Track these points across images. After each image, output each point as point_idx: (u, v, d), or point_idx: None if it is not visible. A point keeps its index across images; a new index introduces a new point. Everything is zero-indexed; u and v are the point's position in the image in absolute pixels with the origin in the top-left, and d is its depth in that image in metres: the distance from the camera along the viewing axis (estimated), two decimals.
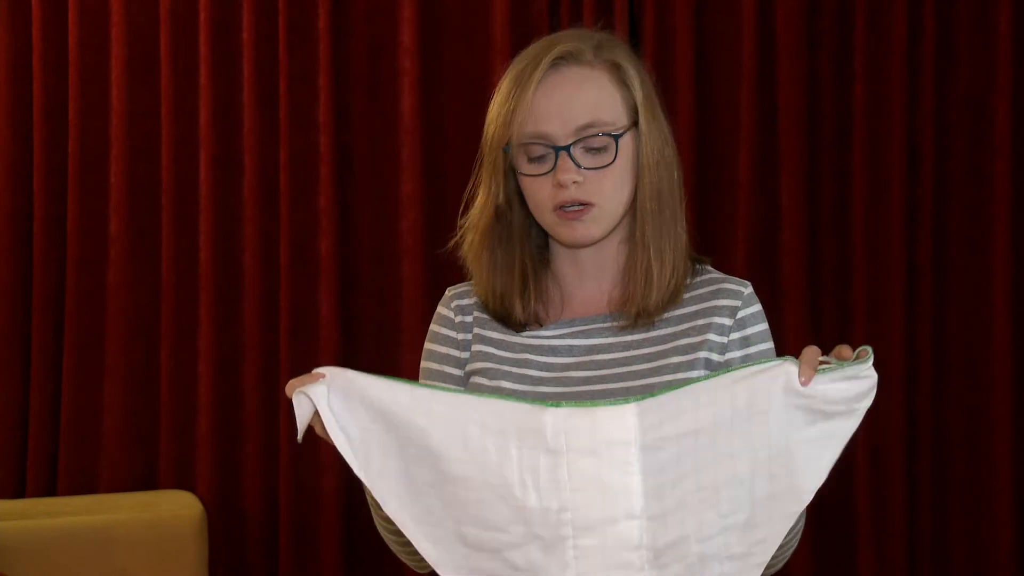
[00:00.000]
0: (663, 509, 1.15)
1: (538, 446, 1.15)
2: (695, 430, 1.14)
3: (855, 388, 1.11)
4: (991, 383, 3.22)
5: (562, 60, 1.33)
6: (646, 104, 1.36)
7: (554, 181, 1.32)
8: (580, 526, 1.15)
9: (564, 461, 1.15)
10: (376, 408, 1.17)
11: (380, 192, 3.20)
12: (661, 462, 1.14)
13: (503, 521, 1.17)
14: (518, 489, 1.16)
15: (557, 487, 1.15)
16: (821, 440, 1.13)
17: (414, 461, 1.17)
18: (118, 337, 3.12)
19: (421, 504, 1.18)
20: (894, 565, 3.23)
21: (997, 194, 3.21)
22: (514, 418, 1.16)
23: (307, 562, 3.16)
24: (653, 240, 1.36)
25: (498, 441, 1.16)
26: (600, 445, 1.15)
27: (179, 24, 3.14)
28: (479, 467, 1.16)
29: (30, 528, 2.79)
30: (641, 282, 1.36)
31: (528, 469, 1.16)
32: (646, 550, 1.15)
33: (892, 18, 3.21)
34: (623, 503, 1.15)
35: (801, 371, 1.12)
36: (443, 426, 1.16)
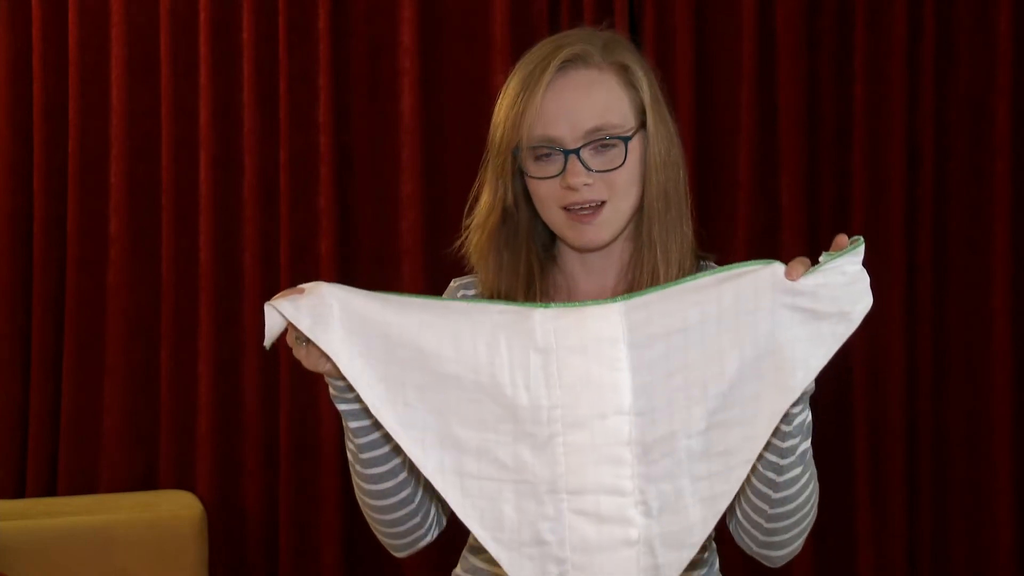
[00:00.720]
0: (652, 405, 1.16)
1: (528, 345, 1.18)
2: (683, 328, 1.16)
3: (848, 288, 1.13)
4: (991, 383, 3.22)
5: (570, 62, 1.33)
6: (653, 105, 1.37)
7: (563, 184, 1.33)
8: (570, 422, 1.17)
9: (554, 358, 1.18)
10: (363, 317, 1.20)
11: (380, 192, 3.20)
12: (649, 359, 1.16)
13: (493, 420, 1.19)
14: (508, 388, 1.18)
15: (547, 384, 1.18)
16: (811, 340, 1.14)
17: (403, 364, 1.19)
18: (118, 337, 3.12)
19: (408, 407, 1.20)
20: (894, 565, 3.23)
21: (997, 194, 3.21)
22: (504, 319, 1.18)
23: (307, 562, 3.16)
24: (660, 240, 1.37)
25: (489, 341, 1.18)
26: (589, 342, 1.17)
27: (179, 24, 3.14)
28: (470, 367, 1.18)
29: (30, 528, 2.79)
30: (647, 282, 1.37)
31: (519, 367, 1.18)
32: (635, 445, 1.17)
33: (892, 18, 3.22)
34: (612, 399, 1.17)
35: (790, 267, 1.14)
36: (434, 329, 1.19)
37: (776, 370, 1.14)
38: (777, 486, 1.25)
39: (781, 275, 1.14)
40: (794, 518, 1.28)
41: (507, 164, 1.36)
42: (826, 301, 1.13)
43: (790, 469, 1.24)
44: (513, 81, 1.35)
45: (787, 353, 1.14)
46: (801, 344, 1.14)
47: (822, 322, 1.14)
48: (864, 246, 1.14)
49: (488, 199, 1.40)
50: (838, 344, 1.14)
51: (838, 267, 1.13)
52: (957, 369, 3.26)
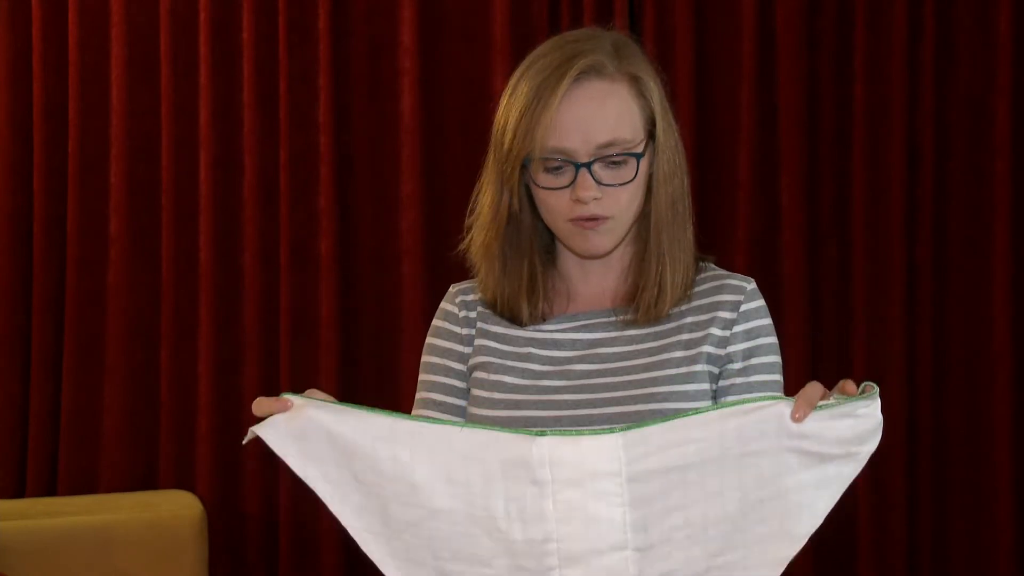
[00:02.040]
0: (649, 541, 1.14)
1: (523, 477, 1.14)
2: (683, 465, 1.12)
3: (856, 428, 1.09)
4: (991, 383, 3.22)
5: (584, 74, 1.32)
6: (662, 114, 1.36)
7: (573, 196, 1.32)
8: (566, 557, 1.14)
9: (549, 492, 1.14)
10: (349, 444, 1.17)
11: (380, 192, 3.20)
12: (648, 494, 1.13)
13: (487, 554, 1.16)
14: (503, 521, 1.15)
15: (542, 518, 1.14)
16: (817, 485, 1.11)
17: (393, 499, 1.17)
18: (118, 337, 3.12)
19: (400, 541, 1.18)
20: (894, 566, 3.23)
21: (997, 194, 3.21)
22: (499, 448, 1.15)
23: (307, 562, 3.16)
24: (668, 251, 1.37)
25: (483, 472, 1.15)
26: (585, 476, 1.13)
27: (179, 24, 3.14)
28: (463, 500, 1.15)
29: (30, 528, 2.79)
30: (654, 291, 1.37)
31: (513, 500, 1.14)
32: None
33: (892, 18, 3.21)
34: (609, 534, 1.14)
35: (796, 406, 1.09)
36: (426, 459, 1.15)
37: (782, 517, 1.12)
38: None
39: (787, 416, 1.10)
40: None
41: (515, 173, 1.35)
42: (831, 444, 1.09)
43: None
44: (523, 87, 1.33)
45: (793, 499, 1.11)
46: (808, 490, 1.11)
47: (828, 464, 1.10)
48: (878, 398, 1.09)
49: (492, 203, 1.39)
50: (845, 485, 1.11)
51: (852, 410, 1.09)
52: (957, 369, 3.26)
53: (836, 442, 1.09)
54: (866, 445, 1.10)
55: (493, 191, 1.39)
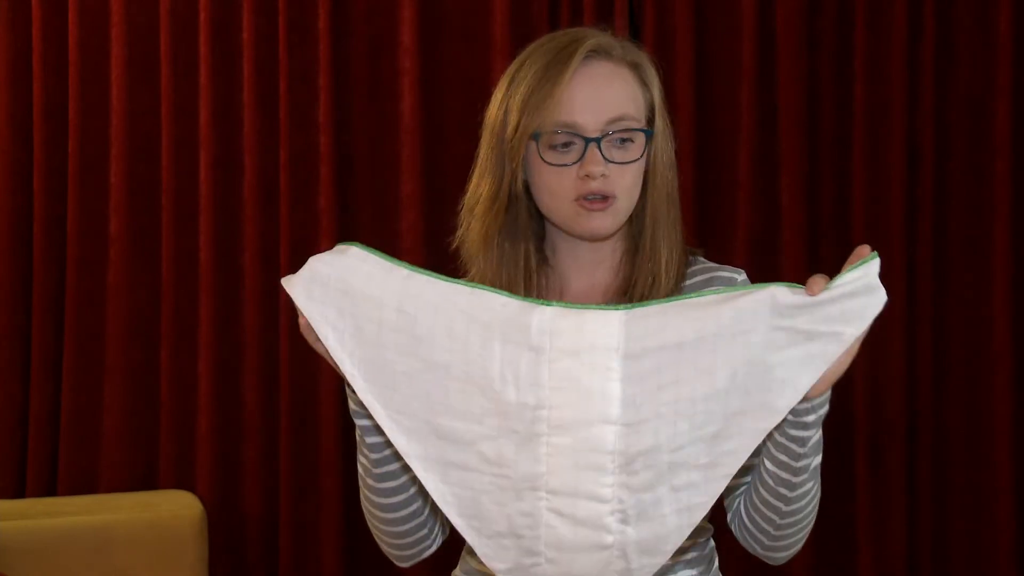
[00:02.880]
0: (639, 417, 1.15)
1: (522, 342, 1.17)
2: (678, 343, 1.14)
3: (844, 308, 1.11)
4: (991, 383, 3.22)
5: (594, 53, 1.34)
6: (661, 106, 1.38)
7: (580, 172, 1.32)
8: (555, 424, 1.16)
9: (546, 359, 1.16)
10: (358, 292, 1.20)
11: (380, 192, 3.20)
12: (642, 371, 1.15)
13: (479, 412, 1.17)
14: (497, 382, 1.17)
15: (536, 384, 1.16)
16: (801, 361, 1.13)
17: (393, 348, 1.19)
18: (118, 337, 3.12)
19: (397, 393, 1.19)
20: (894, 565, 3.23)
21: (997, 194, 3.21)
22: (502, 312, 1.17)
23: (307, 562, 3.16)
24: (664, 244, 1.38)
25: (483, 333, 1.17)
26: (583, 348, 1.16)
27: (179, 24, 3.14)
28: (461, 356, 1.17)
29: (30, 528, 2.79)
30: (648, 281, 1.37)
31: (509, 363, 1.17)
32: (619, 455, 1.16)
33: (892, 18, 3.22)
34: (600, 407, 1.16)
35: (812, 281, 1.12)
36: (431, 313, 1.18)
37: (763, 390, 1.14)
38: (789, 500, 1.27)
39: (780, 297, 1.13)
40: (801, 524, 1.31)
41: (521, 148, 1.35)
42: (820, 321, 1.12)
43: (802, 485, 1.26)
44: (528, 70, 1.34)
45: (776, 373, 1.13)
46: (791, 365, 1.13)
47: (813, 342, 1.13)
48: (877, 260, 1.12)
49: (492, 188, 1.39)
50: (828, 363, 1.13)
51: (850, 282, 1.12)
52: (957, 369, 3.26)
53: (824, 320, 1.12)
54: (852, 326, 1.12)
55: (492, 177, 1.38)
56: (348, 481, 3.12)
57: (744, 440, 1.15)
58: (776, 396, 1.14)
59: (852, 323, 1.12)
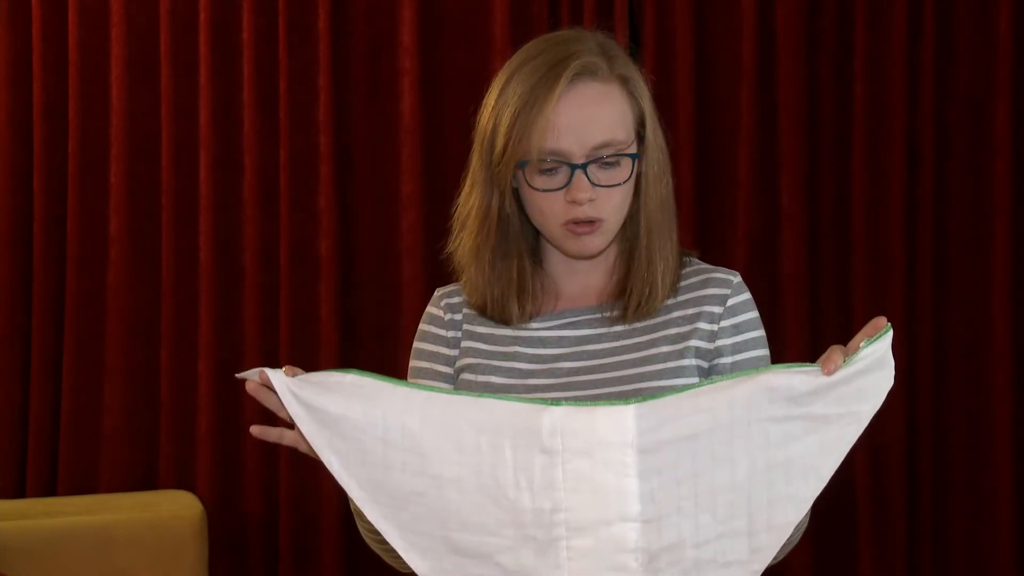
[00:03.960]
0: (659, 512, 1.14)
1: (533, 446, 1.15)
2: (692, 434, 1.13)
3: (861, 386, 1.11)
4: (991, 383, 3.22)
5: (579, 75, 1.32)
6: (651, 114, 1.37)
7: (568, 198, 1.32)
8: (574, 527, 1.15)
9: (559, 461, 1.14)
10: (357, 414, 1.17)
11: (380, 192, 3.20)
12: (658, 465, 1.13)
13: (495, 524, 1.16)
14: (512, 490, 1.15)
15: (551, 487, 1.14)
16: (821, 449, 1.12)
17: (400, 468, 1.16)
18: (118, 337, 3.12)
19: (407, 513, 1.17)
20: (894, 566, 3.23)
21: (997, 194, 3.21)
22: (510, 418, 1.15)
23: (307, 562, 3.16)
24: (659, 251, 1.38)
25: (492, 441, 1.15)
26: (596, 446, 1.14)
27: (179, 24, 3.14)
28: (472, 469, 1.15)
29: (30, 528, 2.79)
30: (645, 290, 1.37)
31: (522, 469, 1.15)
32: (641, 552, 1.14)
33: (892, 18, 3.22)
34: (618, 505, 1.14)
35: (828, 358, 1.11)
36: (437, 427, 1.16)
37: (787, 482, 1.13)
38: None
39: (796, 383, 1.11)
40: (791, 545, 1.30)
41: (508, 176, 1.35)
42: (835, 404, 1.11)
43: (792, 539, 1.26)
44: (515, 89, 1.33)
45: (798, 464, 1.12)
46: (812, 453, 1.12)
47: (831, 427, 1.12)
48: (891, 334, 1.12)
49: (481, 206, 1.38)
50: (849, 446, 1.13)
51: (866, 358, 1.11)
52: (957, 369, 3.26)
53: (840, 401, 1.11)
54: (868, 403, 1.12)
55: (482, 193, 1.38)
56: None
57: (773, 534, 1.14)
58: (800, 487, 1.13)
59: (868, 400, 1.12)
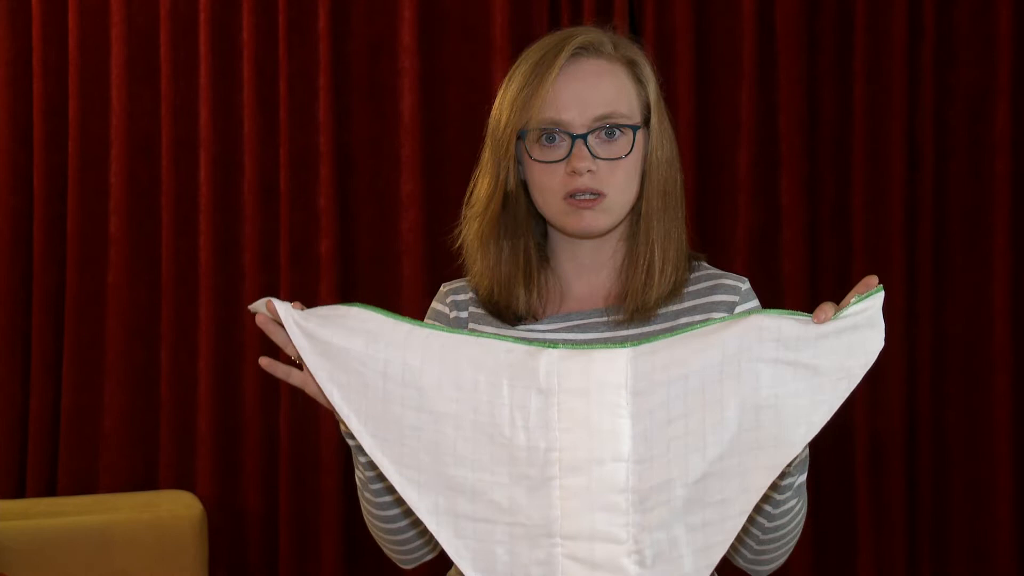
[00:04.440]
0: (650, 452, 1.15)
1: (530, 385, 1.17)
2: (684, 374, 1.14)
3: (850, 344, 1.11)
4: (991, 383, 3.22)
5: (583, 50, 1.34)
6: (658, 103, 1.37)
7: (568, 169, 1.32)
8: (567, 466, 1.16)
9: (555, 401, 1.16)
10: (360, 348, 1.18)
11: (380, 192, 3.20)
12: (651, 406, 1.15)
13: (490, 461, 1.17)
14: (507, 428, 1.17)
15: (546, 426, 1.16)
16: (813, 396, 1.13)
17: (400, 401, 1.18)
18: (118, 337, 3.12)
19: (405, 447, 1.18)
20: (894, 565, 3.23)
21: (997, 194, 3.21)
22: (508, 358, 1.17)
23: (307, 562, 3.16)
24: (658, 238, 1.37)
25: (490, 379, 1.17)
26: (592, 387, 1.16)
27: (179, 24, 3.14)
28: (470, 405, 1.17)
29: (30, 528, 2.79)
30: (642, 278, 1.37)
31: (518, 407, 1.16)
32: (632, 492, 1.15)
33: (892, 18, 3.21)
34: (611, 445, 1.15)
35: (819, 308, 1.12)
36: (436, 364, 1.18)
37: (777, 424, 1.13)
38: (773, 517, 1.27)
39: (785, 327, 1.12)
40: (783, 540, 1.31)
41: (511, 146, 1.35)
42: (826, 357, 1.12)
43: (786, 503, 1.27)
44: (521, 66, 1.35)
45: (789, 408, 1.13)
46: (803, 400, 1.13)
47: (823, 378, 1.12)
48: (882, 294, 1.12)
49: (488, 185, 1.38)
50: (840, 400, 1.12)
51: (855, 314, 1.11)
52: (957, 369, 3.26)
53: (829, 353, 1.12)
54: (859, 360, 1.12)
55: (490, 176, 1.38)
56: (348, 480, 3.12)
57: (759, 475, 1.14)
58: (791, 431, 1.13)
59: (858, 357, 1.12)
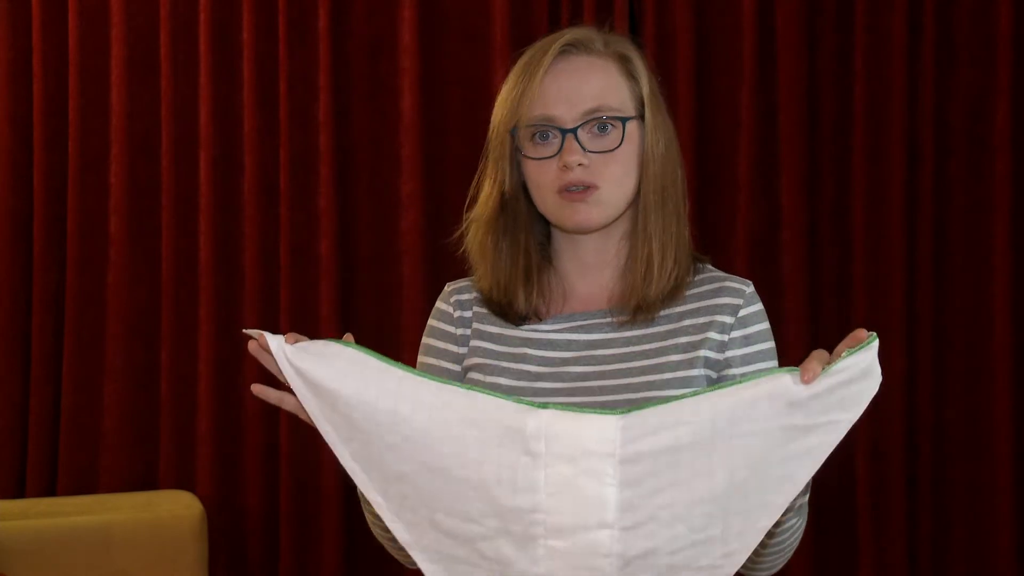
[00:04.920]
0: (636, 521, 1.15)
1: (518, 447, 1.16)
2: (675, 447, 1.14)
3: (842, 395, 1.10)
4: (991, 383, 3.22)
5: (571, 48, 1.36)
6: (652, 98, 1.38)
7: (560, 163, 1.33)
8: (552, 528, 1.16)
9: (542, 463, 1.16)
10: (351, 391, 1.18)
11: (380, 192, 3.20)
12: (638, 475, 1.14)
13: (477, 513, 1.17)
14: (494, 486, 1.17)
15: (532, 489, 1.16)
16: (800, 457, 1.12)
17: (389, 449, 1.18)
18: (118, 337, 3.12)
19: (396, 489, 1.19)
20: (894, 566, 3.23)
21: (997, 194, 3.21)
22: (498, 416, 1.17)
23: (307, 562, 3.16)
24: (655, 232, 1.37)
25: (478, 436, 1.17)
26: (579, 454, 1.15)
27: (179, 24, 3.14)
28: (458, 460, 1.17)
29: (30, 528, 2.79)
30: (641, 272, 1.37)
31: (506, 467, 1.16)
32: (616, 558, 1.15)
33: (892, 18, 3.21)
34: (597, 513, 1.15)
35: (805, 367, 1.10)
36: (426, 415, 1.17)
37: (762, 491, 1.13)
38: (772, 534, 1.28)
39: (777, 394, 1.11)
40: (782, 552, 1.32)
41: (505, 146, 1.36)
42: (817, 414, 1.11)
43: (786, 522, 1.27)
44: (514, 69, 1.37)
45: (775, 472, 1.12)
46: (791, 462, 1.12)
47: (811, 435, 1.11)
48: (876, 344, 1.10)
49: (487, 188, 1.40)
50: (826, 454, 1.12)
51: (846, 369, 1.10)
52: (957, 369, 3.26)
53: (822, 411, 1.11)
54: (849, 412, 1.11)
55: (489, 178, 1.40)
56: (348, 481, 3.11)
57: (746, 540, 1.14)
58: (775, 495, 1.13)
59: (849, 410, 1.11)
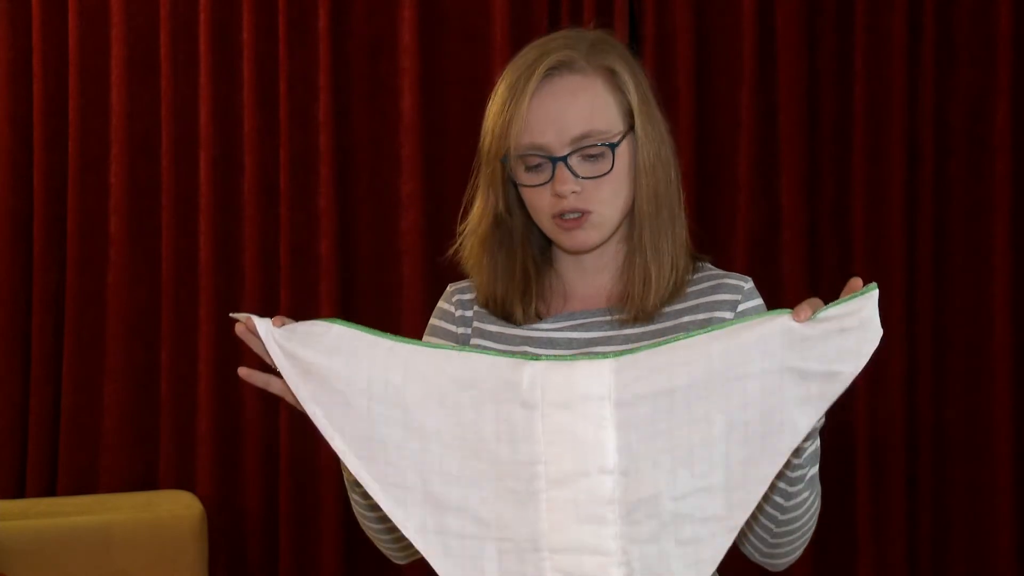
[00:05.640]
0: (636, 465, 1.15)
1: (514, 399, 1.17)
2: (670, 389, 1.14)
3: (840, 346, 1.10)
4: (991, 383, 3.22)
5: (555, 69, 1.33)
6: (641, 107, 1.36)
7: (552, 191, 1.33)
8: (553, 478, 1.16)
9: (539, 414, 1.16)
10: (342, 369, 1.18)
11: (380, 192, 3.20)
12: (635, 418, 1.15)
13: (475, 475, 1.17)
14: (492, 442, 1.17)
15: (531, 440, 1.16)
16: (800, 403, 1.12)
17: (384, 421, 1.18)
18: (118, 337, 3.12)
19: (390, 466, 1.19)
20: (894, 566, 3.23)
21: (997, 194, 3.21)
22: (492, 373, 1.18)
23: (307, 562, 3.16)
24: (651, 243, 1.37)
25: (473, 394, 1.17)
26: (575, 399, 1.16)
27: (179, 24, 3.14)
28: (454, 421, 1.17)
29: (30, 528, 2.79)
30: (639, 284, 1.37)
31: (503, 422, 1.17)
32: (619, 504, 1.15)
33: (892, 18, 3.21)
34: (596, 457, 1.15)
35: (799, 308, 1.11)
36: (419, 381, 1.18)
37: (764, 436, 1.13)
38: (785, 509, 1.27)
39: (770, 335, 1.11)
40: (798, 532, 1.32)
41: (496, 173, 1.36)
42: (815, 360, 1.10)
43: (798, 495, 1.27)
44: (500, 88, 1.35)
45: (776, 417, 1.12)
46: (789, 407, 1.12)
47: (811, 383, 1.11)
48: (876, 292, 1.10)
49: (480, 206, 1.40)
50: (827, 404, 1.12)
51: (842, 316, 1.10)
52: (957, 369, 3.26)
53: (820, 358, 1.10)
54: (849, 364, 1.10)
55: (482, 196, 1.40)
56: None
57: (751, 490, 1.14)
58: (776, 440, 1.13)
59: (849, 361, 1.10)
